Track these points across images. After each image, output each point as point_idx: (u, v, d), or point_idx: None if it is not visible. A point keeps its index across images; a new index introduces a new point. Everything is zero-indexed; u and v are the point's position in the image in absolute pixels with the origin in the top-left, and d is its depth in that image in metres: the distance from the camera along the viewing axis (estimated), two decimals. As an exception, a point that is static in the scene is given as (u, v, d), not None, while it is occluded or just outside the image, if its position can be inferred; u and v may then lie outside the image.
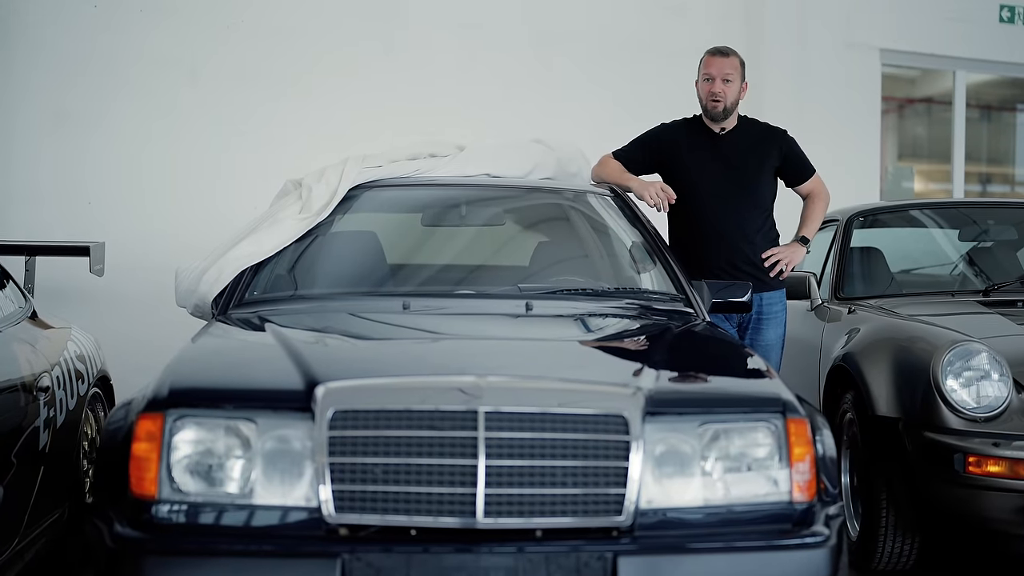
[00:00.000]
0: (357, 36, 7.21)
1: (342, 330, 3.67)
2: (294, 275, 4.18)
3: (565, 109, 7.47)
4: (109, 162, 6.70)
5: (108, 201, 6.64)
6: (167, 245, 6.24)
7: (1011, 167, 10.88)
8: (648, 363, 3.17)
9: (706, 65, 4.75)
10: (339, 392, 2.80)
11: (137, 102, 6.74)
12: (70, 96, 6.67)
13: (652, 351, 3.44)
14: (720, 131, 4.77)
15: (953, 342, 4.04)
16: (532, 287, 4.00)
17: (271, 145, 6.84)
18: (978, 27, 9.46)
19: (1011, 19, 9.63)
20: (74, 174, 6.65)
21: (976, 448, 3.83)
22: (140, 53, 6.75)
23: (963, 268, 5.77)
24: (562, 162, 4.98)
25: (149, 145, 6.75)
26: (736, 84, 4.70)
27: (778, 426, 2.89)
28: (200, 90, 6.84)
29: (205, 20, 6.88)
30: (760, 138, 4.75)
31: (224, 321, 3.78)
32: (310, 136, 6.83)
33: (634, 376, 3.03)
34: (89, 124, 6.66)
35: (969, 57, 9.58)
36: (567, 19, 7.80)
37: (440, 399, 2.77)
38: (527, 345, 3.42)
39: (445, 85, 7.31)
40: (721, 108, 4.69)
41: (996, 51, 9.62)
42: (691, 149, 4.76)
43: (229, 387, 2.96)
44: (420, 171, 4.59)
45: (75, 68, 6.66)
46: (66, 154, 6.65)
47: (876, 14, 8.99)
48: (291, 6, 7.11)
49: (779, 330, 4.70)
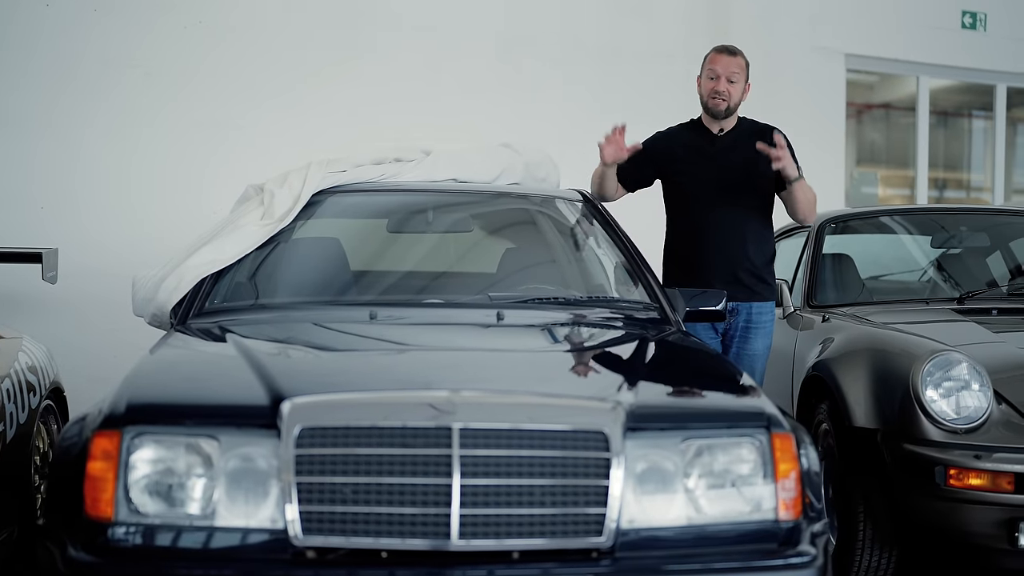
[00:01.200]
0: (319, 38, 7.07)
1: (308, 341, 3.54)
2: (256, 283, 4.04)
3: (532, 112, 7.39)
4: (62, 166, 6.50)
5: (62, 206, 6.44)
6: (123, 252, 6.07)
7: (965, 172, 10.90)
8: (626, 376, 3.07)
9: (711, 62, 4.65)
10: (306, 408, 2.67)
11: (91, 104, 6.55)
12: (21, 97, 6.45)
13: (630, 363, 3.32)
14: (719, 131, 4.67)
15: (932, 352, 3.96)
16: (503, 296, 3.88)
17: (231, 149, 6.68)
18: (941, 33, 9.51)
19: (972, 25, 9.68)
20: (25, 178, 6.43)
21: (957, 460, 3.75)
22: (94, 53, 6.55)
23: (933, 275, 5.72)
24: (530, 167, 4.89)
25: (104, 148, 6.55)
26: (740, 84, 4.61)
27: (763, 441, 2.79)
28: (156, 92, 6.66)
29: (161, 21, 6.70)
30: (756, 136, 4.65)
31: (183, 331, 3.64)
32: (272, 140, 6.68)
33: (613, 390, 2.91)
34: (40, 126, 6.46)
35: (932, 63, 9.61)
36: (533, 23, 7.72)
37: (412, 415, 2.65)
38: (500, 357, 3.30)
39: (411, 88, 7.19)
40: (724, 107, 4.59)
41: (958, 57, 9.68)
42: (686, 152, 4.66)
43: (190, 402, 2.82)
44: (385, 176, 4.47)
45: (26, 68, 6.45)
46: (16, 157, 6.44)
47: (841, 18, 9.00)
48: (250, 7, 6.95)
49: (766, 341, 4.61)
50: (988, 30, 9.73)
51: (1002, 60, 9.83)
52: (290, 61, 6.97)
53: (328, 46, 7.07)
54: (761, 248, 4.64)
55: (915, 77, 9.77)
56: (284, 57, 6.97)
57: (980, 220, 5.73)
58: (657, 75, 7.97)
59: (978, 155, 10.90)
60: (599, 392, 2.92)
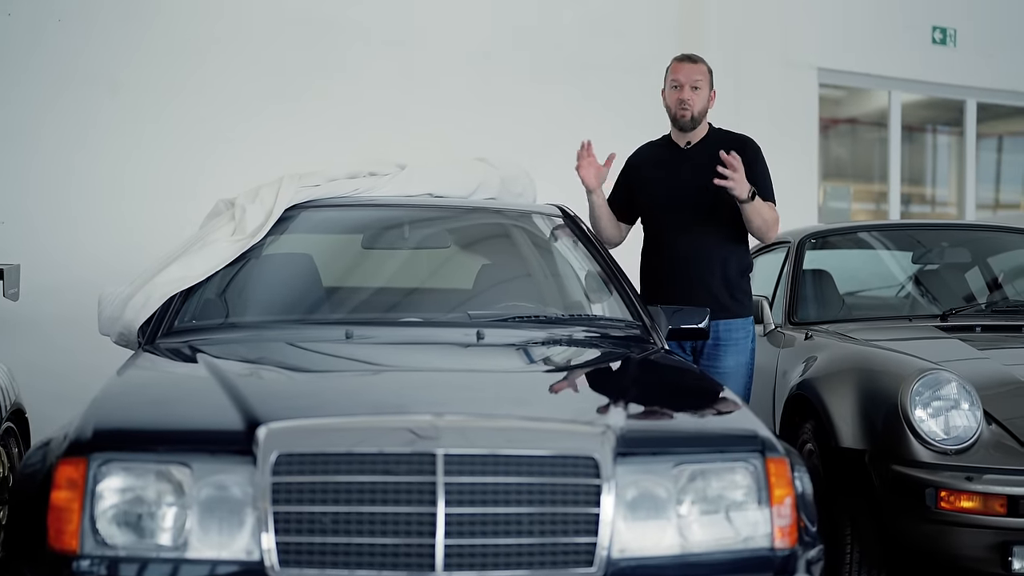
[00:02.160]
0: (286, 49, 6.94)
1: (282, 362, 3.41)
2: (227, 301, 3.91)
3: (504, 127, 7.30)
4: (24, 179, 6.32)
5: (23, 220, 6.26)
6: (88, 268, 5.89)
7: (928, 187, 10.90)
8: (614, 398, 2.95)
9: (673, 72, 4.56)
10: (283, 433, 2.55)
11: (54, 116, 6.38)
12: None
13: (616, 384, 3.21)
14: (686, 145, 4.58)
15: (921, 371, 3.87)
16: (482, 314, 3.77)
17: (199, 162, 6.53)
18: (912, 48, 9.52)
19: (943, 41, 9.70)
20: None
21: (948, 482, 3.66)
22: (57, 65, 6.38)
23: (913, 291, 5.66)
24: (506, 181, 4.80)
25: (67, 162, 6.38)
26: (705, 91, 4.51)
27: (757, 466, 2.69)
28: (122, 104, 6.50)
29: (126, 32, 6.55)
30: (726, 147, 4.56)
31: (152, 351, 3.50)
32: (240, 154, 6.54)
33: (602, 413, 2.82)
34: (1, 139, 6.30)
35: (903, 77, 9.61)
36: (506, 37, 7.62)
37: (394, 441, 2.53)
38: (483, 378, 3.19)
39: (381, 101, 7.08)
40: (690, 116, 4.50)
41: (929, 72, 9.69)
42: (654, 167, 4.57)
43: (160, 427, 2.69)
44: (359, 190, 4.36)
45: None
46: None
47: (813, 33, 8.98)
48: (214, 19, 6.80)
49: (740, 358, 4.48)
50: (958, 45, 9.74)
51: (972, 75, 9.85)
52: (260, 73, 6.85)
53: (296, 54, 6.94)
54: (732, 263, 4.52)
55: (880, 92, 9.79)
56: (254, 69, 6.84)
57: (960, 236, 5.67)
58: (630, 89, 7.88)
59: (942, 170, 10.90)
60: (587, 415, 2.82)
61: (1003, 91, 10.10)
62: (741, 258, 4.55)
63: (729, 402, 3.07)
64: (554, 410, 2.90)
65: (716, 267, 4.45)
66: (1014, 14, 9.91)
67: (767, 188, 4.53)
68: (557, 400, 3.05)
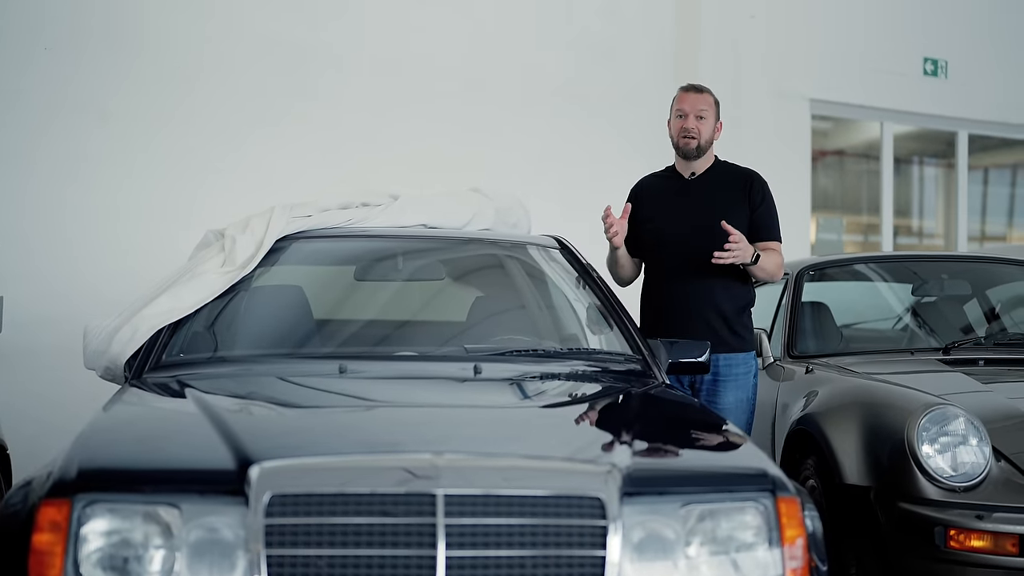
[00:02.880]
0: (272, 75, 6.85)
1: (275, 398, 3.29)
2: (216, 334, 3.80)
3: (494, 157, 7.22)
4: (7, 209, 6.22)
5: (6, 251, 6.14)
6: (74, 300, 5.77)
7: (915, 219, 10.87)
8: (617, 435, 2.85)
9: (679, 101, 4.48)
10: (277, 473, 2.44)
11: (42, 145, 6.27)
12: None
13: (619, 421, 3.08)
14: (690, 175, 4.50)
15: (927, 405, 3.79)
16: (479, 348, 3.67)
17: (189, 192, 6.43)
18: (904, 79, 9.51)
19: (934, 72, 9.70)
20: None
21: (957, 521, 3.57)
22: (45, 93, 6.30)
23: (911, 324, 5.59)
24: (501, 212, 4.70)
25: (54, 191, 6.27)
26: (711, 122, 4.44)
27: (767, 506, 2.59)
28: (111, 133, 6.40)
29: (115, 60, 6.46)
30: (732, 181, 4.48)
31: (139, 386, 3.39)
32: (231, 183, 6.45)
33: (606, 451, 2.71)
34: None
35: (895, 109, 9.58)
36: (495, 66, 7.55)
37: (393, 481, 2.43)
38: (482, 415, 3.07)
39: (369, 130, 7.00)
40: (695, 146, 4.42)
41: (921, 103, 9.67)
42: (656, 197, 4.49)
43: (148, 467, 2.58)
44: (352, 221, 4.26)
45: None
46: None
47: (806, 64, 8.96)
48: (204, 47, 6.72)
49: (740, 394, 4.37)
50: (949, 77, 9.74)
51: (963, 107, 9.84)
52: (248, 100, 6.77)
53: (284, 82, 6.87)
54: (734, 296, 4.43)
55: (866, 123, 9.79)
56: (241, 95, 6.76)
57: (959, 268, 5.60)
58: (622, 121, 7.85)
59: (929, 202, 10.88)
60: (591, 453, 2.72)
61: (994, 123, 10.10)
62: (743, 292, 4.46)
63: (736, 438, 2.97)
64: (557, 448, 2.79)
65: (717, 300, 4.36)
66: (1005, 46, 9.92)
67: (773, 226, 4.47)
68: (559, 437, 2.93)
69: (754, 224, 4.42)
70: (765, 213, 4.44)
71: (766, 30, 8.70)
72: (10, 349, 5.71)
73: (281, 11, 6.95)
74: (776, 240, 4.46)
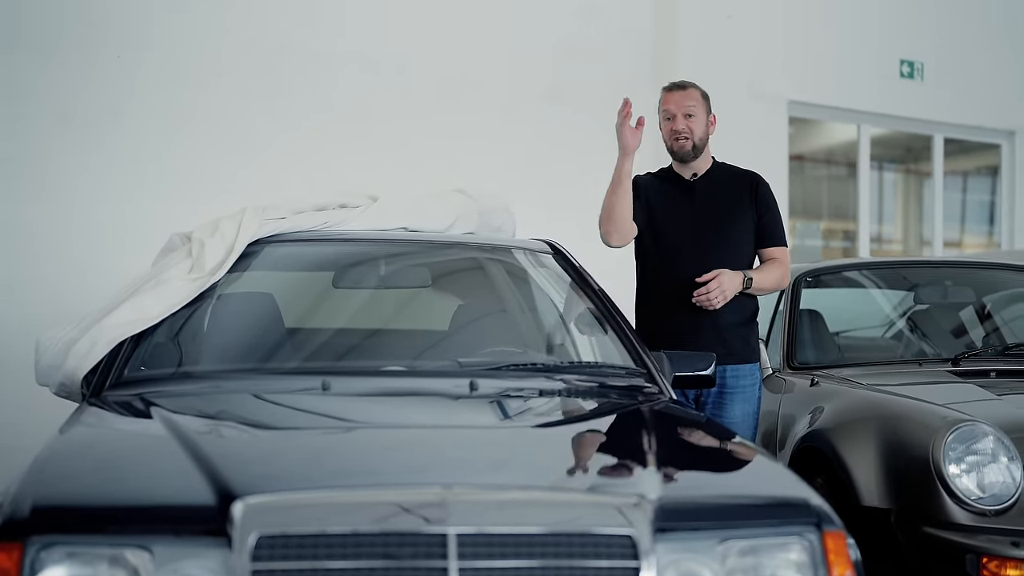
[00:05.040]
0: (246, 75, 6.50)
1: (255, 420, 2.95)
2: (184, 347, 3.46)
3: (472, 160, 6.93)
4: (13, 219, 5.84)
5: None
6: (24, 310, 5.39)
7: (874, 224, 10.69)
8: (640, 461, 2.56)
9: (664, 102, 4.21)
10: (265, 510, 2.13)
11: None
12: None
13: (638, 443, 2.77)
14: (692, 176, 4.22)
15: (955, 422, 3.52)
16: (474, 362, 3.35)
17: (153, 193, 6.04)
18: (881, 81, 9.35)
19: (911, 74, 9.54)
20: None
21: (990, 548, 3.31)
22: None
23: (909, 332, 5.35)
24: (485, 215, 4.40)
25: (7, 195, 5.90)
26: (701, 118, 4.17)
27: (813, 541, 2.32)
28: (70, 132, 6.02)
29: (78, 57, 6.08)
30: (736, 183, 4.22)
31: (99, 405, 3.04)
32: (198, 183, 6.08)
33: (631, 480, 2.42)
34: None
35: (872, 111, 9.41)
36: (476, 66, 7.27)
37: (397, 518, 2.13)
38: (488, 439, 2.76)
39: (347, 131, 6.69)
40: (689, 146, 4.15)
41: (897, 106, 9.50)
42: (659, 200, 4.21)
43: (113, 502, 2.25)
44: (329, 223, 3.93)
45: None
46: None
47: (783, 65, 8.76)
48: (167, 41, 6.37)
49: (747, 407, 4.12)
50: (925, 79, 9.58)
51: (939, 110, 9.68)
52: (218, 96, 6.42)
53: (255, 79, 6.53)
54: (741, 303, 4.18)
55: (829, 128, 9.65)
56: (211, 91, 6.41)
57: (960, 273, 5.36)
58: (600, 122, 7.57)
59: (889, 207, 10.69)
60: (615, 483, 2.43)
61: (970, 127, 9.94)
62: (750, 300, 4.20)
63: (767, 463, 2.70)
64: (576, 477, 2.50)
65: (724, 308, 4.08)
66: (980, 50, 9.78)
67: (779, 231, 4.27)
68: (578, 464, 2.62)
69: (760, 230, 4.17)
70: (771, 218, 4.23)
71: (743, 31, 8.48)
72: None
73: (257, 10, 6.61)
74: (783, 246, 4.24)
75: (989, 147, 10.28)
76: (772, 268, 4.21)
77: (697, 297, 4.02)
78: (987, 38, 9.83)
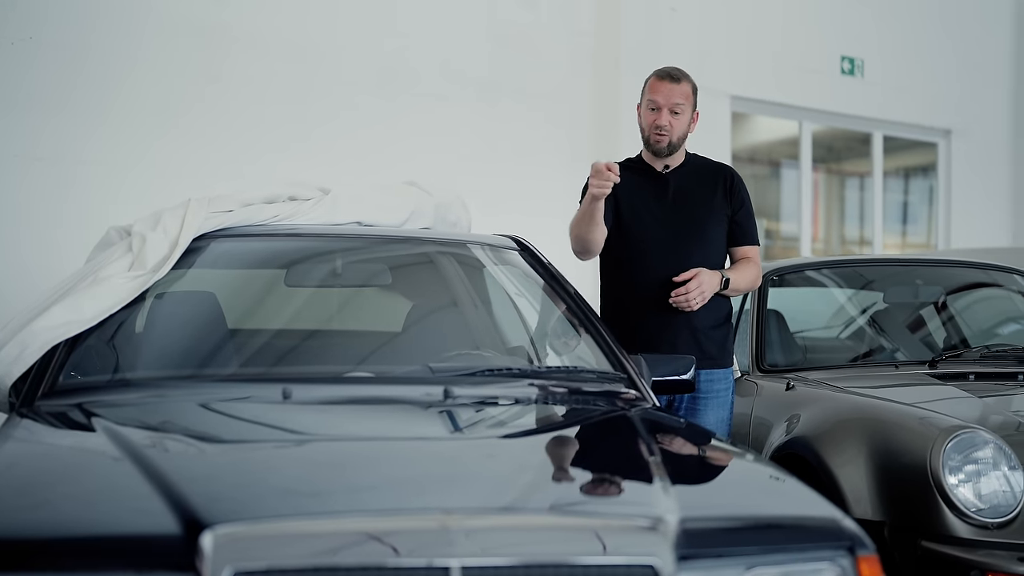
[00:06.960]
0: (181, 62, 6.17)
1: (214, 435, 2.62)
2: (124, 352, 3.14)
3: (414, 150, 6.68)
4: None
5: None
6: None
7: (791, 224, 10.62)
8: (648, 478, 2.31)
9: (651, 90, 3.95)
10: (239, 541, 1.85)
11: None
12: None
13: (641, 457, 2.49)
14: (664, 168, 3.99)
15: (953, 429, 3.32)
16: (446, 368, 3.06)
17: (90, 182, 5.68)
18: (822, 78, 9.27)
19: (851, 71, 9.49)
20: None
21: (996, 564, 3.11)
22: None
23: (869, 331, 5.17)
24: (440, 208, 4.14)
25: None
26: (686, 116, 3.93)
27: (846, 567, 2.09)
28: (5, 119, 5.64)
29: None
30: (710, 178, 4.00)
31: (31, 417, 2.70)
32: (139, 174, 5.73)
33: (645, 500, 2.17)
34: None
35: (813, 108, 9.31)
36: (413, 57, 7.00)
37: (393, 549, 1.85)
38: (480, 455, 2.47)
39: (282, 119, 6.38)
40: (666, 143, 3.91)
41: (838, 103, 9.42)
42: (629, 192, 3.93)
43: (59, 533, 1.94)
44: (279, 217, 3.64)
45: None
46: None
47: (727, 59, 8.62)
48: (93, 24, 6.00)
49: (721, 413, 3.89)
50: (866, 76, 9.51)
51: (879, 107, 9.63)
52: (159, 82, 6.09)
53: (197, 66, 6.22)
54: (715, 305, 3.95)
55: (752, 126, 9.48)
56: (153, 77, 6.09)
57: (932, 272, 5.20)
58: (542, 114, 7.39)
59: (807, 206, 10.60)
60: (628, 503, 2.17)
61: (910, 124, 9.89)
62: (724, 300, 3.98)
63: (783, 479, 2.45)
64: (585, 497, 2.23)
65: (700, 308, 3.85)
66: (919, 47, 9.74)
67: (752, 229, 4.06)
68: (583, 482, 2.36)
69: (734, 227, 3.96)
70: (745, 215, 4.01)
71: (687, 24, 8.30)
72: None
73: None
74: (755, 244, 4.03)
75: (920, 145, 10.24)
76: (747, 268, 4.00)
77: (675, 297, 3.79)
78: (926, 36, 9.81)
